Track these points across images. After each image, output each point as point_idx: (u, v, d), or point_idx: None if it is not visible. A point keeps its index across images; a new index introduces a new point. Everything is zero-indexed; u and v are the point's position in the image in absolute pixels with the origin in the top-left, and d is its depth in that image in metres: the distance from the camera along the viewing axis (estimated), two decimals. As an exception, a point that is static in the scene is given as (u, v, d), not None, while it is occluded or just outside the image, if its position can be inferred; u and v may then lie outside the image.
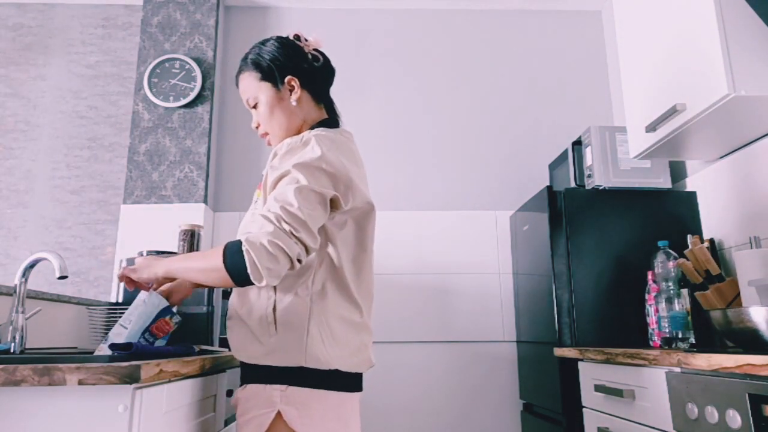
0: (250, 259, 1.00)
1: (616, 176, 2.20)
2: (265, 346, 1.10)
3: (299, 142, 1.15)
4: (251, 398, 1.11)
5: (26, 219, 2.89)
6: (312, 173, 1.10)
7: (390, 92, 3.06)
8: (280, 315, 1.10)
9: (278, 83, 1.26)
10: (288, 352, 1.08)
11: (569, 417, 2.00)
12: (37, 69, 3.07)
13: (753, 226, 1.91)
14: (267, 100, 1.27)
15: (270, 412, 1.07)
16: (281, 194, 1.07)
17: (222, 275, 1.04)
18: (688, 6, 1.72)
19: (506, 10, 3.19)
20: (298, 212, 1.04)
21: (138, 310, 1.26)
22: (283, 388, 1.08)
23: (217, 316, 1.79)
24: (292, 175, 1.09)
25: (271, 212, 1.05)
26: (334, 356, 1.11)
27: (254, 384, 1.11)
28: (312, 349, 1.09)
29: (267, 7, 3.16)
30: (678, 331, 1.79)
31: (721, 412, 1.15)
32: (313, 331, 1.10)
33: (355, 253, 1.19)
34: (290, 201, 1.05)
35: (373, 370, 2.66)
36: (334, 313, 1.13)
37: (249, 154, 2.96)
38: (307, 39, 1.31)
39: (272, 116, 1.26)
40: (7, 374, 0.88)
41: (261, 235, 1.02)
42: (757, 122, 1.75)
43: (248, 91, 1.30)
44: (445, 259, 2.83)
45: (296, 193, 1.06)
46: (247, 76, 1.30)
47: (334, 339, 1.12)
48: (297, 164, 1.10)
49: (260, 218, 1.06)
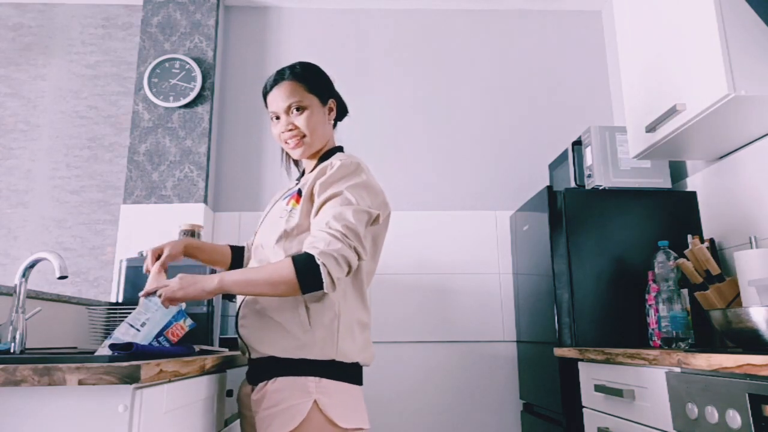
0: (326, 270, 1.15)
1: (616, 176, 2.20)
2: (299, 341, 1.21)
3: (350, 167, 1.29)
4: (285, 389, 1.19)
5: (26, 219, 2.89)
6: (362, 195, 1.26)
7: (390, 92, 3.06)
8: (312, 313, 1.23)
9: (324, 100, 1.41)
10: (321, 347, 1.21)
11: (569, 417, 2.00)
12: (37, 69, 3.07)
13: (753, 226, 1.91)
14: (314, 109, 1.37)
15: (307, 401, 1.16)
16: (340, 214, 1.21)
17: (291, 286, 1.16)
18: (688, 6, 1.72)
19: (506, 10, 3.19)
20: (357, 229, 1.21)
21: (156, 314, 1.26)
22: (317, 380, 1.19)
23: (217, 316, 1.79)
24: (345, 197, 1.24)
25: (335, 230, 1.19)
26: (355, 351, 1.25)
27: (286, 377, 1.20)
28: (341, 345, 1.23)
29: (267, 7, 3.16)
30: (678, 331, 1.79)
31: (721, 412, 1.15)
32: (342, 329, 1.24)
33: (369, 263, 1.33)
34: (349, 219, 1.21)
35: (373, 370, 2.66)
36: (353, 314, 1.28)
37: (249, 154, 2.96)
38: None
39: (317, 126, 1.37)
40: (7, 374, 0.88)
41: (332, 250, 1.16)
42: (758, 122, 1.75)
43: (293, 96, 1.37)
44: (445, 259, 2.83)
45: (354, 213, 1.22)
46: (292, 84, 1.37)
47: (353, 336, 1.26)
48: (349, 186, 1.26)
49: (325, 235, 1.18)
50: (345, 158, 1.31)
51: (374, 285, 2.76)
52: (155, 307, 1.26)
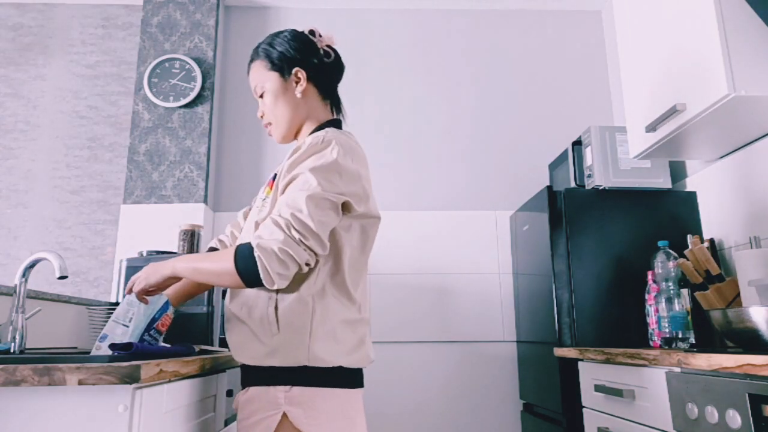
0: (262, 264, 1.03)
1: (616, 176, 2.20)
2: (266, 346, 1.09)
3: (320, 143, 1.14)
4: (254, 401, 1.10)
5: (26, 219, 2.89)
6: (326, 178, 1.10)
7: (390, 92, 3.06)
8: (282, 314, 1.10)
9: (285, 74, 1.26)
10: (291, 352, 1.08)
11: (569, 417, 2.00)
12: (37, 69, 3.07)
13: (753, 226, 1.91)
14: (273, 89, 1.27)
15: (275, 414, 1.06)
16: (293, 200, 1.08)
17: (233, 278, 1.06)
18: (688, 6, 1.72)
19: (506, 10, 3.19)
20: (307, 220, 1.06)
21: (141, 308, 1.26)
22: (287, 389, 1.07)
23: (217, 316, 1.79)
24: (305, 180, 1.10)
25: (282, 218, 1.06)
26: (336, 353, 1.11)
27: (256, 387, 1.10)
28: (314, 348, 1.08)
29: (267, 7, 3.16)
30: (678, 331, 1.79)
31: (721, 412, 1.15)
32: (316, 330, 1.10)
33: (356, 255, 1.19)
34: (300, 208, 1.06)
35: (373, 370, 2.66)
36: (334, 312, 1.13)
37: (249, 154, 2.96)
38: (321, 35, 1.32)
39: (276, 106, 1.27)
40: (7, 374, 0.88)
41: (272, 241, 1.04)
42: (757, 122, 1.74)
43: (256, 79, 1.30)
44: (445, 259, 2.83)
45: (308, 200, 1.07)
46: (257, 65, 1.30)
47: (335, 337, 1.12)
48: (313, 168, 1.10)
49: (271, 224, 1.07)
50: (320, 134, 1.16)
51: (374, 285, 2.76)
52: (138, 302, 1.26)
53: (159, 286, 1.22)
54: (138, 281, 1.21)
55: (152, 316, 1.28)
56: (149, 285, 1.20)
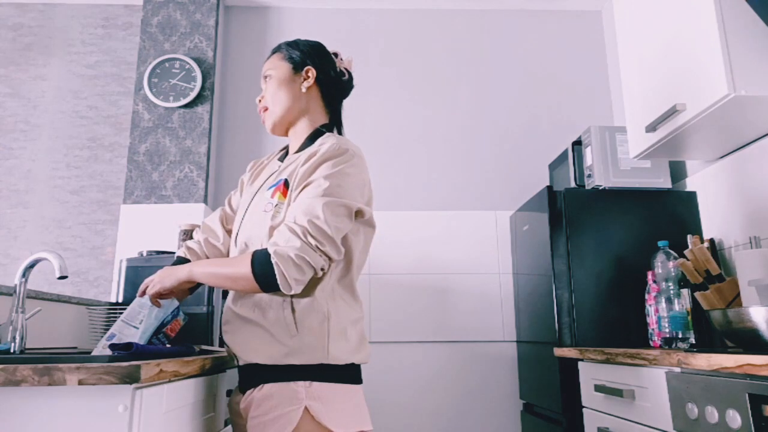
0: (279, 271, 1.07)
1: (616, 176, 2.20)
2: (286, 347, 1.12)
3: (337, 152, 1.17)
4: (273, 397, 1.11)
5: (26, 219, 2.89)
6: (342, 185, 1.14)
7: (390, 92, 3.06)
8: (299, 316, 1.14)
9: (297, 68, 1.30)
10: (310, 352, 1.12)
11: (569, 417, 2.00)
12: (37, 69, 3.07)
13: (753, 226, 1.91)
14: (279, 76, 1.30)
15: (298, 408, 1.09)
16: (309, 206, 1.11)
17: (250, 283, 1.10)
18: (688, 6, 1.72)
19: (506, 10, 3.19)
20: (324, 226, 1.09)
21: (153, 311, 1.26)
22: (308, 384, 1.11)
23: (217, 316, 1.79)
24: (321, 186, 1.13)
25: (298, 225, 1.10)
26: (348, 351, 1.16)
27: (274, 383, 1.12)
28: (331, 348, 1.13)
29: (267, 7, 3.16)
30: (678, 331, 1.79)
31: (721, 412, 1.15)
32: (332, 330, 1.14)
33: (361, 258, 1.25)
34: (317, 214, 1.10)
35: (373, 370, 2.66)
36: (344, 312, 1.18)
37: (249, 154, 2.96)
38: (342, 59, 1.37)
39: (277, 92, 1.29)
40: (7, 374, 0.88)
41: (288, 248, 1.08)
42: (757, 122, 1.74)
43: (268, 66, 1.33)
44: (445, 259, 2.83)
45: (324, 207, 1.10)
46: (275, 56, 1.34)
47: (346, 336, 1.17)
48: (329, 175, 1.14)
49: (286, 231, 1.10)
50: (335, 141, 1.18)
51: (374, 285, 2.77)
52: (149, 304, 1.27)
53: (173, 290, 1.24)
54: (152, 284, 1.23)
55: (163, 320, 1.28)
56: (164, 288, 1.22)
